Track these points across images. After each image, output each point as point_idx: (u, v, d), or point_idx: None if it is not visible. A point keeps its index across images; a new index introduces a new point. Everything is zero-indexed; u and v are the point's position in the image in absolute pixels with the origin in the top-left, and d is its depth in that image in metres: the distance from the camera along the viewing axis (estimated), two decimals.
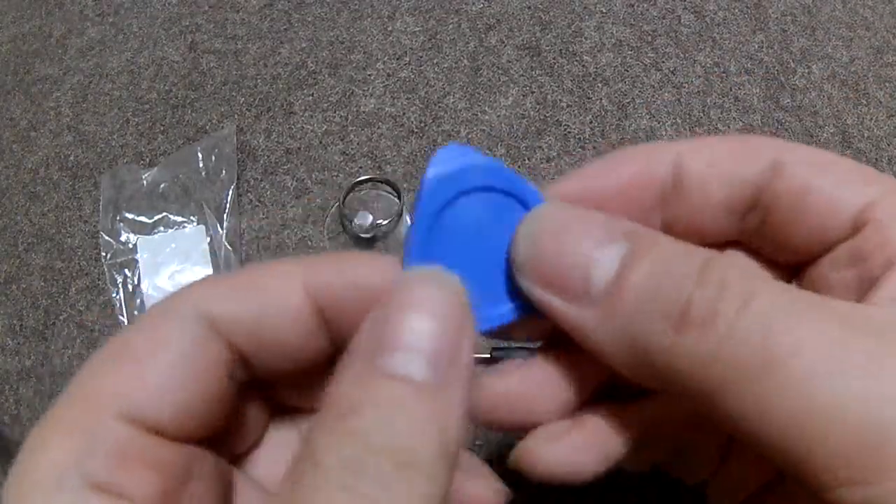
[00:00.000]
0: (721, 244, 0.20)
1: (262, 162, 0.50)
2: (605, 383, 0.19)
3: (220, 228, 0.48)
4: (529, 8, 0.54)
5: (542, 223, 0.16)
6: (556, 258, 0.16)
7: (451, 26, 0.54)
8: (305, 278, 0.16)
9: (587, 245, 0.16)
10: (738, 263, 0.17)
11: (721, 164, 0.18)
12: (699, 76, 0.53)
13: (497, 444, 0.45)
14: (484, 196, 0.17)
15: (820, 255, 0.18)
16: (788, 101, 0.52)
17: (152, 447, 0.14)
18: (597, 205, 0.18)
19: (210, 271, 0.48)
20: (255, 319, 0.15)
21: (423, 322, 0.13)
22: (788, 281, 0.19)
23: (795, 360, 0.13)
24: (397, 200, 0.49)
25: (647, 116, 0.51)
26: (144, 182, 0.50)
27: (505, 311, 0.18)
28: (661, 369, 0.15)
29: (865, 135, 0.51)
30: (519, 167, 0.50)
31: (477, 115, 0.51)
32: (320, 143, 0.51)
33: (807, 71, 0.53)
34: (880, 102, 0.52)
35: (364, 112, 0.51)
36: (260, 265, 0.16)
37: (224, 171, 0.49)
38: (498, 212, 0.17)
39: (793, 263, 0.19)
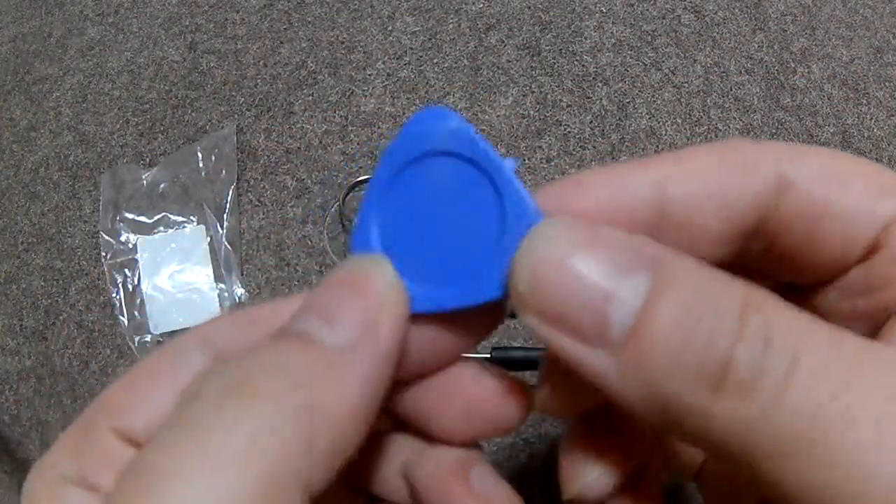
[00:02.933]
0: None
1: (262, 162, 0.50)
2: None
3: (220, 228, 0.48)
4: (529, 8, 0.54)
5: (547, 247, 0.13)
6: (564, 293, 0.13)
7: (451, 26, 0.54)
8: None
9: (602, 277, 0.13)
10: (776, 303, 0.13)
11: (713, 186, 0.15)
12: (699, 76, 0.53)
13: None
14: (451, 162, 0.16)
15: (829, 280, 0.16)
16: (788, 100, 0.52)
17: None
18: None
19: (210, 271, 0.48)
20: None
21: (335, 291, 0.14)
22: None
23: (850, 433, 0.11)
24: None
25: (647, 116, 0.51)
26: (144, 182, 0.50)
27: (448, 294, 0.16)
28: (691, 430, 0.13)
29: (865, 134, 0.51)
30: (519, 167, 0.50)
31: (477, 114, 0.51)
32: (320, 143, 0.51)
33: (807, 71, 0.53)
34: (880, 102, 0.52)
35: (364, 112, 0.51)
36: (265, 305, 0.17)
37: (224, 171, 0.49)
38: (462, 183, 0.16)
39: (794, 285, 0.17)
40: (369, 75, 0.52)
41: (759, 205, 0.15)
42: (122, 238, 0.48)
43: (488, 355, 0.45)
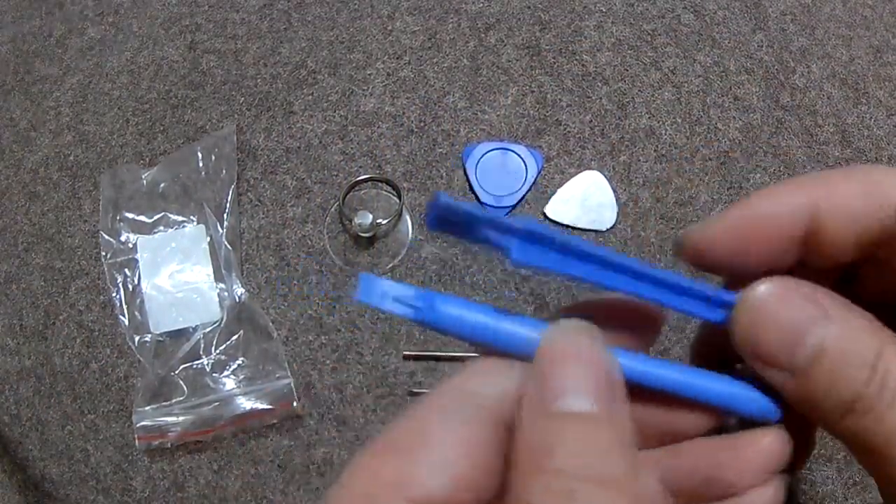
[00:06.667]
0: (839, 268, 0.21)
1: (262, 161, 0.50)
2: None
3: (220, 228, 0.48)
4: (529, 7, 0.54)
5: (764, 298, 0.19)
6: (771, 333, 0.19)
7: (450, 26, 0.54)
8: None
9: (798, 322, 0.19)
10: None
11: (854, 215, 0.19)
12: (699, 75, 0.53)
13: None
14: (500, 151, 0.44)
15: None
16: (788, 100, 0.52)
17: None
18: (738, 248, 0.20)
19: (210, 271, 0.48)
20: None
21: (579, 367, 0.16)
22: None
23: None
24: (397, 200, 0.49)
25: (647, 116, 0.51)
26: (144, 182, 0.50)
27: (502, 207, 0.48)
28: (833, 430, 0.19)
29: (865, 134, 0.51)
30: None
31: (477, 114, 0.51)
32: (320, 142, 0.51)
33: (806, 70, 0.53)
34: (880, 102, 0.52)
35: (364, 112, 0.51)
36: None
37: (224, 171, 0.49)
38: (506, 157, 0.47)
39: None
40: (369, 75, 0.52)
41: (885, 229, 0.19)
42: (122, 238, 0.48)
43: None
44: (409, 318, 0.17)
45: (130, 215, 0.49)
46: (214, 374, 0.46)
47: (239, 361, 0.46)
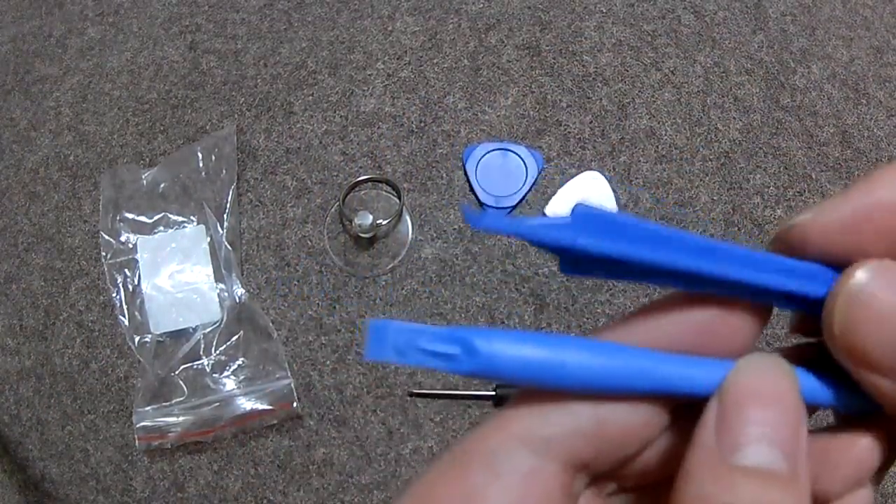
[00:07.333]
0: None
1: (262, 162, 0.50)
2: None
3: (220, 228, 0.48)
4: (529, 8, 0.54)
5: (866, 284, 0.15)
6: (873, 328, 0.15)
7: (451, 26, 0.54)
8: None
9: None
10: None
11: None
12: (699, 76, 0.53)
13: None
14: (500, 151, 0.45)
15: None
16: (788, 100, 0.52)
17: None
18: (855, 243, 0.16)
19: (210, 271, 0.48)
20: (596, 425, 0.14)
21: (770, 413, 0.14)
22: None
23: None
24: (397, 200, 0.49)
25: (647, 116, 0.51)
26: (144, 182, 0.50)
27: (502, 210, 0.49)
28: None
29: (865, 135, 0.51)
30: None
31: (477, 114, 0.51)
32: (320, 143, 0.51)
33: (807, 71, 0.53)
34: (880, 102, 0.52)
35: (364, 112, 0.51)
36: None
37: (224, 171, 0.49)
38: (505, 157, 0.47)
39: None
40: (369, 75, 0.52)
41: None
42: (122, 238, 0.48)
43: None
44: (445, 371, 0.13)
45: (130, 215, 0.49)
46: (214, 375, 0.46)
47: (239, 362, 0.46)
